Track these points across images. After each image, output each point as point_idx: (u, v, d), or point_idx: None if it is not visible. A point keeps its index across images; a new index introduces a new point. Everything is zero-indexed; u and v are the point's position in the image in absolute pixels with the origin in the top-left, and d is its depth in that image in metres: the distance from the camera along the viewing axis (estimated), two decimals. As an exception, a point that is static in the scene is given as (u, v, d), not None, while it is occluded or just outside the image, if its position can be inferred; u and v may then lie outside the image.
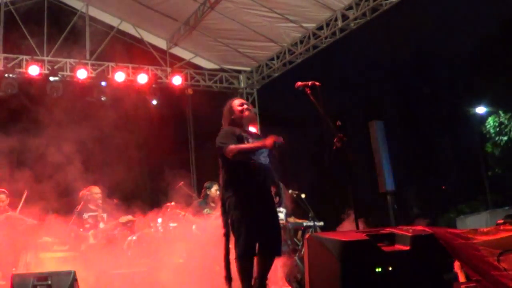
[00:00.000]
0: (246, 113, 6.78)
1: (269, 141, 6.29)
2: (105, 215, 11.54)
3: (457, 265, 8.77)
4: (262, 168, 6.40)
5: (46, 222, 10.46)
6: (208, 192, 11.72)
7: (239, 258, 6.19)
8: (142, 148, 13.35)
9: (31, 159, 11.62)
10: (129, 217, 11.34)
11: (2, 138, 11.69)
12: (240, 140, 6.44)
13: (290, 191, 12.19)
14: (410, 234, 4.73)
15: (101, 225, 11.47)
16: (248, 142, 6.46)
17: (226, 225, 6.44)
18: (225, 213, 6.47)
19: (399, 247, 4.68)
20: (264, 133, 6.70)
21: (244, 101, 6.97)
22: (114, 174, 11.56)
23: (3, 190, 10.95)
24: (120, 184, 11.63)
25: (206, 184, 11.88)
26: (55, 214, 10.40)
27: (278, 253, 6.42)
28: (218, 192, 11.63)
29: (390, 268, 4.48)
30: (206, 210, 11.49)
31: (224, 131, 6.66)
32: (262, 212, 6.29)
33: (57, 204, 10.40)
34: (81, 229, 11.04)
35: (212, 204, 11.61)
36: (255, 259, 6.28)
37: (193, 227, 11.36)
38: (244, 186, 6.37)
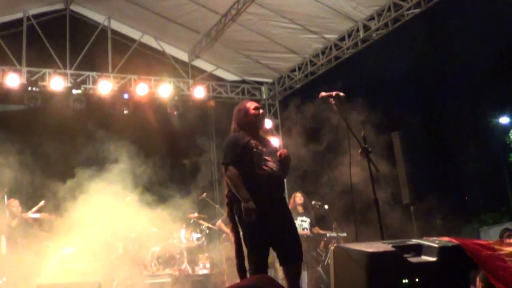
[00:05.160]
0: (262, 119, 6.65)
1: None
2: (139, 227, 11.64)
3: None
4: (269, 177, 6.19)
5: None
6: None
7: (252, 273, 5.98)
8: (165, 160, 13.35)
9: (52, 170, 11.72)
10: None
11: (26, 150, 11.84)
12: (247, 149, 6.25)
13: (313, 202, 12.19)
14: (437, 245, 4.68)
15: (133, 234, 11.55)
16: (257, 150, 6.25)
17: (236, 233, 6.22)
18: (233, 220, 6.27)
19: (426, 258, 4.64)
20: (285, 145, 6.64)
21: (259, 105, 6.73)
22: (136, 187, 11.61)
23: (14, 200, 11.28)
24: (142, 196, 11.67)
25: None
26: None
27: (299, 259, 6.20)
28: None
29: (417, 280, 4.44)
30: None
31: (231, 140, 6.44)
32: (273, 224, 6.08)
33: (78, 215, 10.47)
34: (110, 238, 11.16)
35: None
36: (282, 270, 6.20)
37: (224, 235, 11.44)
38: (254, 199, 6.09)
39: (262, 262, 6.05)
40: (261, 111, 6.61)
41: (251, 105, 6.64)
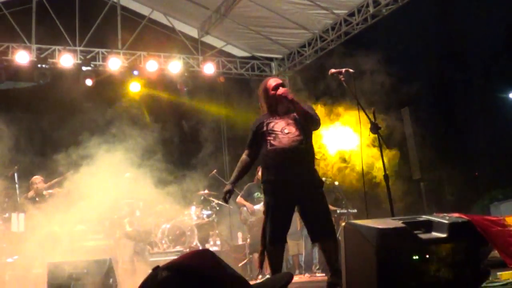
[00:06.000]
0: (280, 99, 6.35)
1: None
2: (141, 203, 11.65)
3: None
4: (279, 152, 6.17)
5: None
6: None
7: (266, 244, 6.21)
8: (175, 136, 13.39)
9: (60, 147, 11.73)
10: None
11: (36, 128, 11.87)
12: (258, 132, 6.39)
13: (323, 178, 12.16)
14: (447, 221, 4.67)
15: (137, 213, 11.56)
16: (267, 129, 6.29)
17: (265, 204, 6.44)
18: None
19: (436, 234, 4.63)
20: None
21: (279, 82, 6.57)
22: (148, 163, 11.61)
23: (39, 176, 11.31)
24: (152, 172, 11.68)
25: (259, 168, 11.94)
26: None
27: (328, 234, 6.24)
28: None
29: (427, 256, 4.44)
30: (256, 194, 11.48)
31: (249, 126, 6.71)
32: (289, 197, 6.18)
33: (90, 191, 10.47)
34: (115, 216, 11.19)
35: (264, 188, 11.62)
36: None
37: (244, 209, 11.45)
38: (267, 175, 6.37)
39: (272, 232, 6.19)
40: (279, 90, 6.38)
41: (271, 84, 6.53)
